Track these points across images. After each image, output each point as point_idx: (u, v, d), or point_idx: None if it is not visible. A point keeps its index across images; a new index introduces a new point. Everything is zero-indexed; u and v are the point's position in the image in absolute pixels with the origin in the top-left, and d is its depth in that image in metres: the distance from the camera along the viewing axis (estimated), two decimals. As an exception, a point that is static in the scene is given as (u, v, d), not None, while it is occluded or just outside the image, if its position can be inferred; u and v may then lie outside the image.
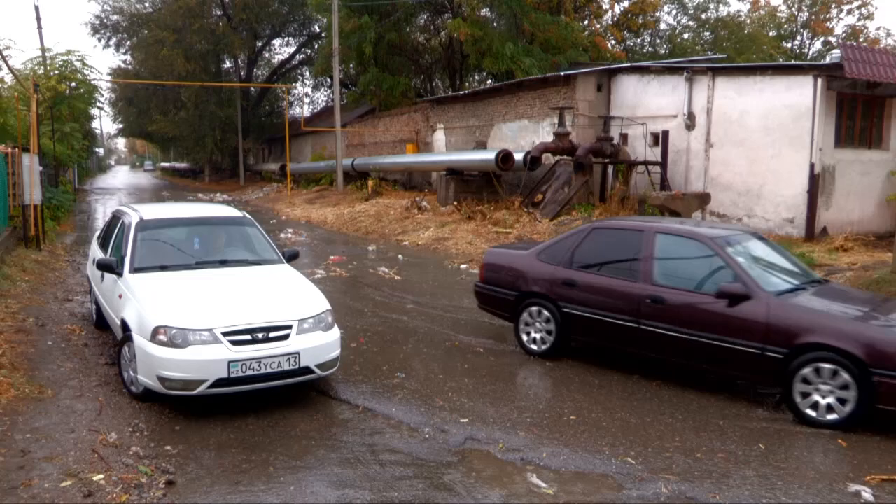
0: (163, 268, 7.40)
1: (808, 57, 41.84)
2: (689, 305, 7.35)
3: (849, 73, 15.71)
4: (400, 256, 16.13)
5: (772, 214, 16.97)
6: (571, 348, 8.51)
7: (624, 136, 20.48)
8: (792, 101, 16.57)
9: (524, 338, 8.66)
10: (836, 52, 16.74)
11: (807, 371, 6.51)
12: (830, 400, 6.42)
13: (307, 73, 54.65)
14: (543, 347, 8.46)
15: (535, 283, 8.58)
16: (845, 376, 6.31)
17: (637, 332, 7.67)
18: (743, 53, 38.31)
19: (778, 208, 16.86)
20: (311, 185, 36.88)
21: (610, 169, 20.04)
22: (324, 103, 55.25)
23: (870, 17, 49.09)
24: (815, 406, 6.49)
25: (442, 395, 7.01)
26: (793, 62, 29.25)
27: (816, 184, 16.17)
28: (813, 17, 42.50)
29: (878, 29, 55.57)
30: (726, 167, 17.90)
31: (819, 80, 16.15)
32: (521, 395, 7.17)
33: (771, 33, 43.01)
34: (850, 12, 42.14)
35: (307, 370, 6.52)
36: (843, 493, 5.24)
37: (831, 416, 6.41)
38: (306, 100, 58.15)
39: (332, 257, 15.52)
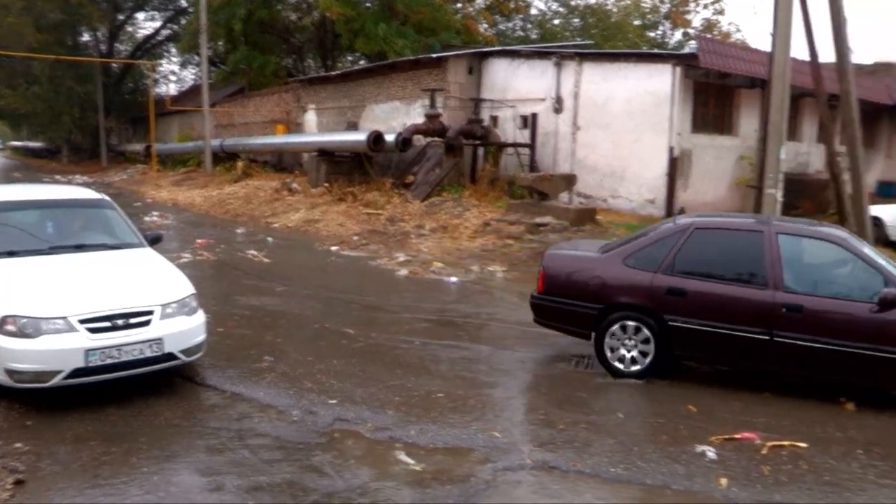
0: (11, 253, 6.95)
1: (670, 47, 43.55)
2: (835, 313, 6.81)
3: (703, 63, 16.54)
4: (269, 239, 15.89)
5: (634, 195, 17.69)
6: (670, 367, 7.53)
7: (494, 119, 20.81)
8: (653, 88, 17.28)
9: (609, 356, 7.44)
10: (693, 44, 17.60)
11: None
12: None
13: (174, 50, 52.51)
14: (635, 368, 7.37)
15: (626, 293, 7.42)
16: None
17: (769, 344, 6.96)
18: (610, 40, 39.45)
19: (640, 189, 17.59)
20: (178, 166, 35.61)
21: (480, 151, 20.35)
22: (192, 82, 53.29)
23: (721, 12, 51.52)
24: None
25: (311, 378, 6.98)
26: (654, 51, 30.38)
27: (675, 166, 16.97)
28: (674, 8, 44.17)
29: (729, 24, 58.40)
30: (592, 150, 18.50)
31: (677, 69, 16.92)
32: (390, 375, 7.21)
33: (636, 22, 44.45)
34: (706, 6, 44.08)
35: (171, 356, 6.32)
36: (690, 454, 5.60)
37: None
38: (173, 77, 56.01)
39: (199, 241, 15.11)
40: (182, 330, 6.39)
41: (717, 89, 18.58)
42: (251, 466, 5.16)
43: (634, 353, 7.36)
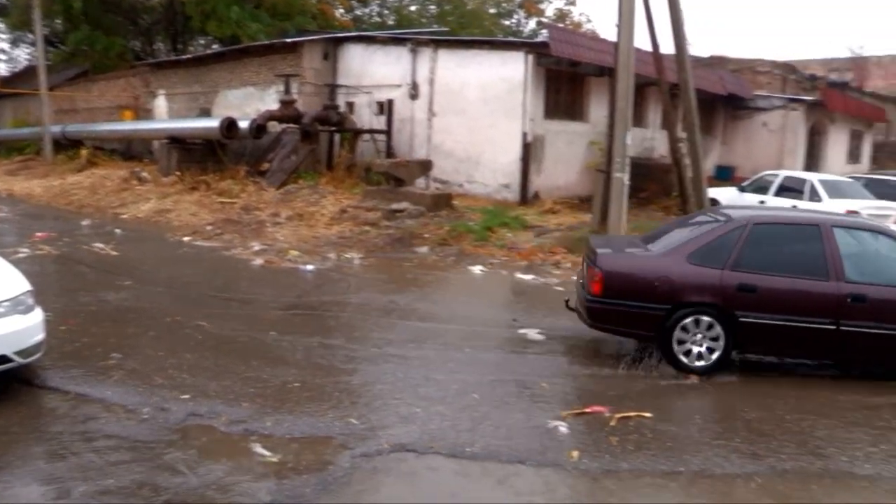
0: None
1: (524, 35, 44.48)
2: (893, 300, 7.27)
3: (554, 52, 17.03)
4: (117, 231, 15.15)
5: (490, 180, 18.03)
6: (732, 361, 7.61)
7: (350, 105, 20.69)
8: (507, 75, 17.65)
9: (679, 354, 7.39)
10: (545, 32, 18.09)
11: None
12: None
13: (2, 26, 48.88)
14: (702, 363, 7.37)
15: (695, 291, 7.37)
16: None
17: (836, 334, 7.27)
18: (466, 28, 39.88)
19: (495, 174, 17.94)
20: (12, 154, 33.27)
21: (337, 137, 20.19)
22: (26, 62, 49.93)
23: (573, 2, 53.10)
24: None
25: (162, 373, 6.73)
26: (507, 39, 30.98)
27: (528, 152, 17.41)
28: (527, -2, 45.16)
29: (581, 14, 60.38)
30: (448, 135, 18.71)
31: (530, 57, 17.35)
32: (245, 367, 7.05)
33: (491, 10, 45.13)
34: (558, -3, 45.42)
35: (5, 359, 5.92)
36: (543, 430, 5.80)
37: None
38: (3, 57, 52.30)
39: (38, 234, 14.23)
40: (16, 330, 5.99)
41: (569, 77, 19.18)
42: (98, 470, 4.92)
43: (703, 349, 7.38)
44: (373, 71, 20.45)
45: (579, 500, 4.98)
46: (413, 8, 45.10)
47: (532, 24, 45.53)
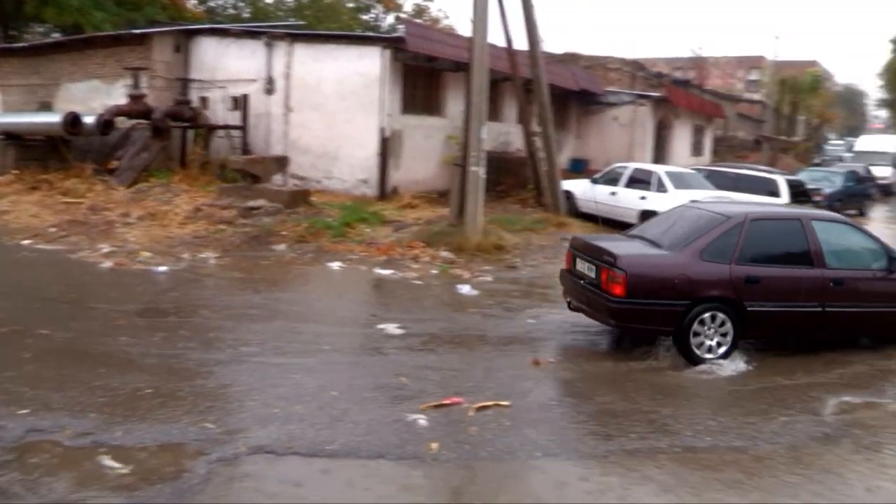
0: None
1: (382, 30, 44.45)
2: (863, 282, 8.47)
3: (410, 47, 17.12)
4: (-53, 235, 14.12)
5: (348, 176, 17.94)
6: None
7: (204, 100, 20.03)
8: (363, 70, 17.58)
9: (696, 347, 7.81)
10: (402, 28, 18.16)
11: None
12: None
13: None
14: (717, 353, 7.89)
15: (711, 286, 7.84)
16: None
17: (822, 315, 8.19)
18: (323, 22, 39.42)
19: (353, 170, 17.87)
20: None
21: (190, 133, 19.54)
22: None
23: (431, -1, 53.53)
24: None
25: (-2, 388, 6.32)
26: (364, 33, 30.88)
27: (386, 147, 17.43)
28: (385, -8, 45.11)
29: (439, 10, 60.96)
30: (305, 131, 18.47)
31: (386, 52, 17.36)
32: (92, 375, 6.69)
33: (349, 5, 44.84)
34: (416, -8, 45.54)
35: None
36: (403, 424, 5.85)
37: None
38: None
39: None
40: None
41: (426, 72, 19.31)
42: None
43: (716, 340, 7.86)
44: (227, 65, 19.88)
45: (438, 491, 5.06)
46: (269, 1, 44.22)
47: (390, 19, 45.56)
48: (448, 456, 5.38)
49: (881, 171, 34.44)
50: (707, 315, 7.81)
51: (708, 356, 7.84)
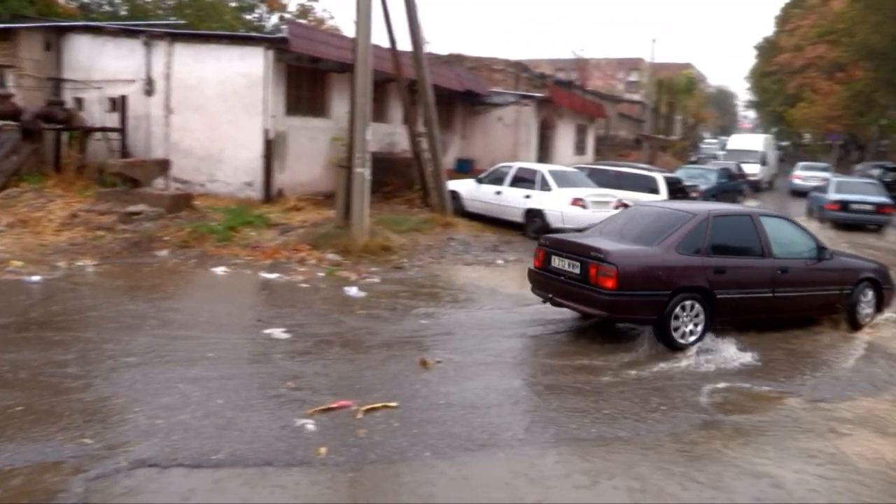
0: None
1: (266, 30, 43.73)
2: (802, 269, 9.71)
3: (294, 48, 16.97)
4: None
5: (232, 179, 17.62)
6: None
7: (79, 101, 19.26)
8: (246, 70, 17.30)
9: (675, 335, 8.63)
10: (286, 28, 17.97)
11: (865, 293, 10.38)
12: (868, 310, 10.45)
13: None
14: (693, 339, 8.76)
15: (689, 277, 8.71)
16: (871, 293, 10.47)
17: (772, 300, 9.43)
18: (205, 21, 38.42)
19: (238, 172, 17.56)
20: None
21: (64, 136, 18.73)
22: None
23: (316, -1, 53.02)
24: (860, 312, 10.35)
25: None
26: (247, 33, 30.32)
27: (270, 149, 17.21)
28: (268, -8, 44.37)
29: (324, 10, 60.43)
30: (187, 133, 18.02)
31: (269, 52, 17.14)
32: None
33: (232, 4, 43.92)
34: (300, -7, 44.99)
35: None
36: (290, 430, 5.82)
37: (866, 311, 10.48)
38: None
39: None
40: None
41: (310, 73, 19.16)
42: None
43: (691, 326, 8.71)
44: (103, 65, 19.14)
45: (328, 496, 5.05)
46: (148, -1, 42.82)
47: (274, 19, 44.89)
48: (337, 460, 5.39)
49: (751, 168, 36.38)
50: (686, 303, 8.66)
51: (683, 341, 8.68)
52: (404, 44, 17.15)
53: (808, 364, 8.71)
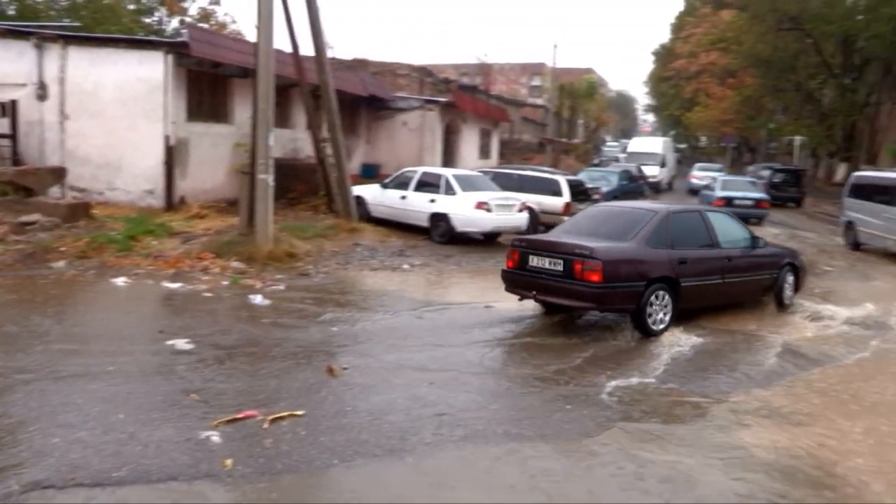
0: None
1: (167, 34, 42.72)
2: (742, 257, 11.01)
3: (195, 52, 16.70)
4: None
5: (132, 186, 17.21)
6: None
7: (-37, 106, 18.46)
8: (145, 75, 16.95)
9: (649, 321, 9.61)
10: (186, 32, 17.65)
11: (787, 277, 11.86)
12: (790, 291, 11.99)
13: None
14: (662, 326, 9.75)
15: (659, 268, 9.72)
16: (791, 276, 11.97)
17: (722, 286, 10.69)
18: (102, 24, 37.24)
19: (137, 180, 17.17)
20: None
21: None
22: None
23: (217, 2, 52.08)
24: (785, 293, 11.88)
25: None
26: (145, 37, 29.58)
27: (171, 155, 16.90)
28: (169, -4, 43.39)
29: (225, 14, 59.40)
30: (84, 140, 17.51)
31: (169, 57, 16.85)
32: None
33: (130, 7, 42.75)
34: (202, -4, 44.27)
35: None
36: (195, 443, 5.74)
37: (788, 293, 11.98)
38: None
39: None
40: None
41: (212, 78, 18.87)
42: None
43: (662, 314, 9.70)
44: (-10, 68, 18.43)
45: (233, 508, 5.03)
46: (39, -1, 41.24)
47: (175, 23, 43.90)
48: (243, 471, 5.33)
49: (651, 170, 37.64)
50: (659, 293, 9.63)
51: (660, 327, 9.72)
52: (307, 48, 17.11)
53: (713, 361, 9.03)
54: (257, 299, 10.60)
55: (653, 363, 8.71)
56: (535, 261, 9.88)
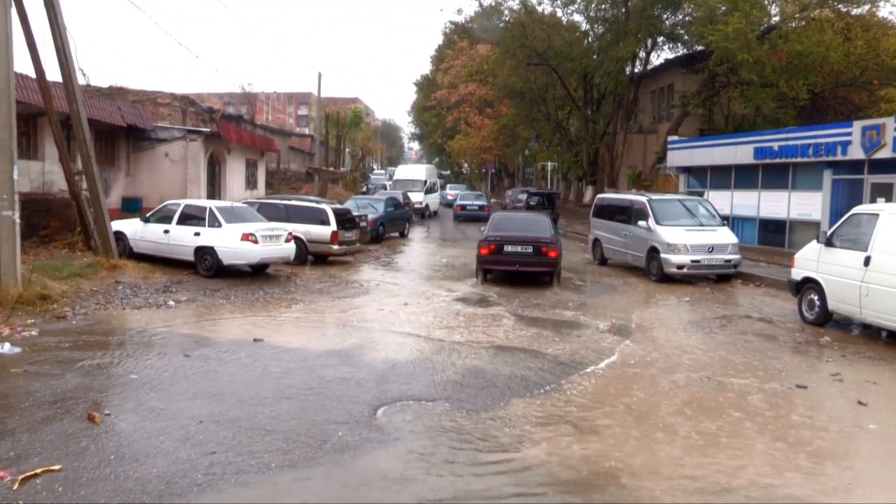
0: None
1: None
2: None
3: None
4: None
5: None
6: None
7: None
8: None
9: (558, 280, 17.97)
10: None
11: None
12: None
13: None
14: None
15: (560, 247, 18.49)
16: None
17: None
18: None
19: None
20: None
21: None
22: None
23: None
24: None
25: None
26: None
27: None
28: None
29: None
30: None
31: None
32: None
33: None
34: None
35: None
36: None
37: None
38: None
39: None
40: None
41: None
42: None
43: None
44: None
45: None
46: None
47: None
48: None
49: (416, 197, 39.05)
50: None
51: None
52: (55, 74, 16.12)
53: (457, 372, 9.51)
54: (5, 348, 9.80)
55: (397, 378, 9.05)
56: (509, 248, 16.95)
